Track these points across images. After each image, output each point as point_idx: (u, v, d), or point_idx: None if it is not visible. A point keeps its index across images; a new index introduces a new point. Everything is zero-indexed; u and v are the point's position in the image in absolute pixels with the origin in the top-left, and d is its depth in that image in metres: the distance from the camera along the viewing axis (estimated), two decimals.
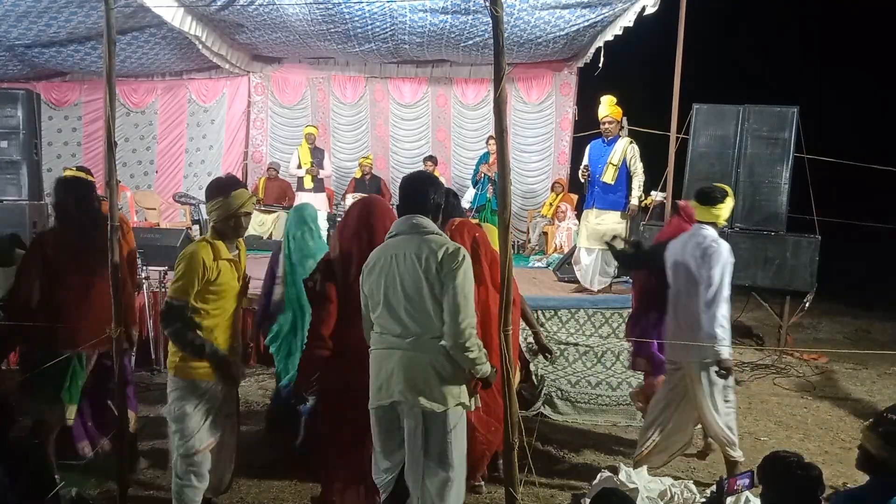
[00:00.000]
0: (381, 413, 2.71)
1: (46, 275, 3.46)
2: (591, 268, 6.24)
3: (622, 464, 3.89)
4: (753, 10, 13.96)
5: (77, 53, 8.82)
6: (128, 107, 10.41)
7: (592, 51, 8.47)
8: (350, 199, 9.04)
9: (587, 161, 6.30)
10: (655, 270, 3.98)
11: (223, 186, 3.01)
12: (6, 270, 4.00)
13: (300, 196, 8.68)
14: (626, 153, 6.05)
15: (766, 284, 6.68)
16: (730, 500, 2.92)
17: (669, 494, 3.53)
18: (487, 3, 2.23)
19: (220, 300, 2.96)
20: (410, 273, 2.57)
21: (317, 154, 9.07)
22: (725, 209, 3.74)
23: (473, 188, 8.95)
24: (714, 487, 2.69)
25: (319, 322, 3.03)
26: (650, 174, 6.48)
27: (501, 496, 2.97)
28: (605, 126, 6.12)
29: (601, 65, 8.10)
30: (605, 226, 6.10)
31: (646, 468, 3.85)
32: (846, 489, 2.50)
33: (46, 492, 2.99)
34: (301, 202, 6.76)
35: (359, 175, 9.59)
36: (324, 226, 6.89)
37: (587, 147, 6.43)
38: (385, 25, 8.08)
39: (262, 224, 9.05)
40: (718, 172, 6.77)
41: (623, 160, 6.04)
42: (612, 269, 6.26)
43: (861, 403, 5.52)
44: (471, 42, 8.57)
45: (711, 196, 3.70)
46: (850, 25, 14.06)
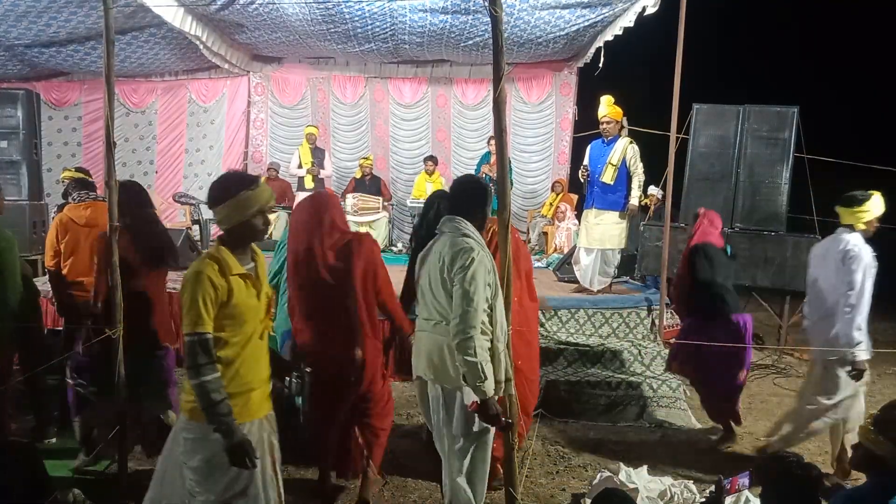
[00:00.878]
0: (418, 384, 3.05)
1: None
2: (591, 268, 6.25)
3: (622, 464, 3.89)
4: (753, 10, 13.99)
5: (77, 53, 8.82)
6: (128, 107, 10.41)
7: (592, 51, 8.47)
8: (350, 200, 9.06)
9: (587, 161, 6.31)
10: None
11: (235, 183, 2.43)
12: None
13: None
14: (626, 153, 6.04)
15: (766, 284, 6.68)
16: (729, 500, 2.92)
17: (669, 494, 3.54)
18: (487, 3, 2.23)
19: (239, 325, 2.39)
20: (435, 267, 2.81)
21: (317, 154, 9.08)
22: (866, 212, 3.79)
23: None
24: (714, 487, 2.69)
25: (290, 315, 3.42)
26: (650, 174, 6.47)
27: (501, 496, 2.97)
28: (604, 126, 6.13)
29: (601, 65, 8.10)
30: (604, 226, 6.11)
31: (646, 468, 3.86)
32: (846, 489, 2.50)
33: (45, 492, 3.00)
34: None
35: (359, 175, 9.60)
36: None
37: (587, 147, 6.44)
38: (385, 25, 8.08)
39: None
40: (718, 172, 6.79)
41: (623, 160, 6.04)
42: (612, 270, 6.27)
43: None
44: (471, 42, 8.57)
45: (853, 198, 3.80)
46: (850, 25, 14.08)
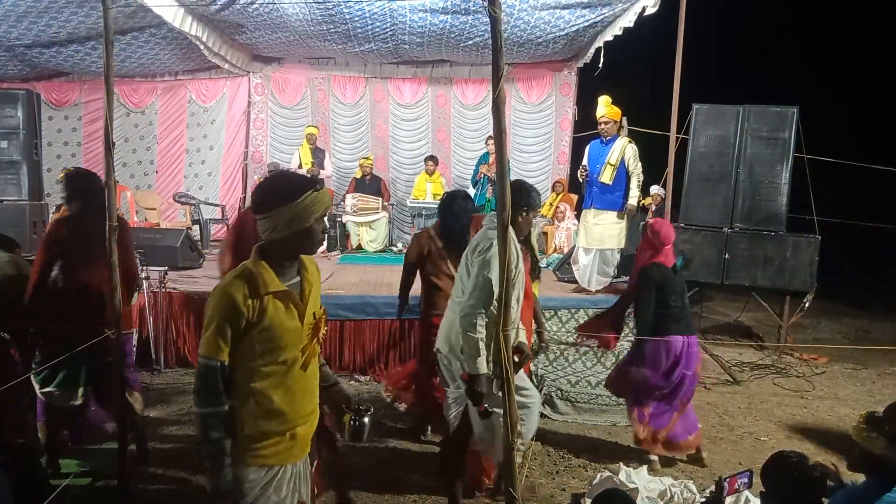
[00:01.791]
0: (438, 357, 3.31)
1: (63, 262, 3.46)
2: (590, 268, 6.25)
3: (622, 464, 3.89)
4: (753, 10, 14.00)
5: (77, 53, 8.82)
6: (128, 107, 10.41)
7: (592, 51, 8.47)
8: (350, 200, 9.06)
9: (585, 161, 6.31)
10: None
11: (297, 184, 2.03)
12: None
13: None
14: (625, 153, 6.05)
15: (766, 284, 6.69)
16: (729, 500, 2.92)
17: (669, 494, 3.54)
18: (486, 4, 2.23)
19: (274, 351, 2.01)
20: (465, 253, 3.20)
21: (318, 154, 9.09)
22: None
23: (473, 188, 8.97)
24: (714, 487, 2.69)
25: None
26: (650, 174, 6.48)
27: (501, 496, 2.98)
28: (602, 126, 6.13)
29: (601, 65, 8.11)
30: (603, 226, 6.10)
31: (646, 468, 3.86)
32: (845, 488, 2.50)
33: (44, 492, 3.00)
34: None
35: (359, 175, 9.61)
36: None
37: (587, 147, 6.44)
38: (385, 25, 8.08)
39: None
40: (718, 172, 6.79)
41: (621, 160, 6.05)
42: (612, 270, 6.27)
43: (861, 403, 5.52)
44: (471, 42, 8.57)
45: None
46: (850, 25, 14.08)
